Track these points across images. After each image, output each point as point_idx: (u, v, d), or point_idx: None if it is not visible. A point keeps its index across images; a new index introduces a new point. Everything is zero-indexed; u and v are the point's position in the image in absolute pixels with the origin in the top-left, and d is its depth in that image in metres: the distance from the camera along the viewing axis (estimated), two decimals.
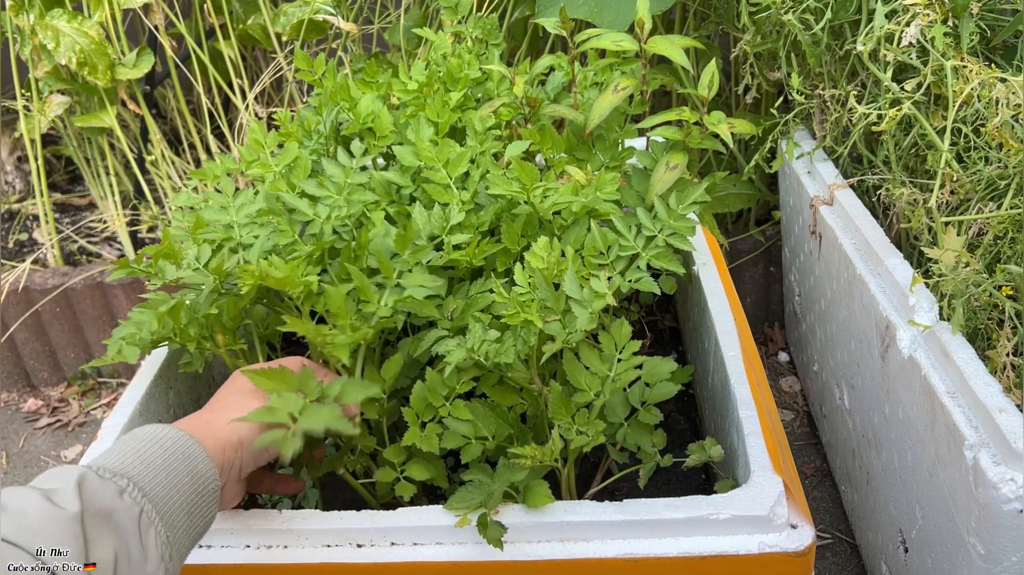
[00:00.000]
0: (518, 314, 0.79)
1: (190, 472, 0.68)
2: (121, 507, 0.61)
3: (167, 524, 0.64)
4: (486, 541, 0.75)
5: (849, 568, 1.38)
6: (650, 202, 0.99)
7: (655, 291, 0.94)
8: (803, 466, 1.59)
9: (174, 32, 1.89)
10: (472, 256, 0.90)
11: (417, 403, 0.85)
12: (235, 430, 0.74)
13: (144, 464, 0.66)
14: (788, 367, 1.84)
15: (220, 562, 0.79)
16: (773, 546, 0.75)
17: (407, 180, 1.03)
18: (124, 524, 0.61)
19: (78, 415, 1.92)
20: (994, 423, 0.83)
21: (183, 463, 0.68)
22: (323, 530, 0.79)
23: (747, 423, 0.85)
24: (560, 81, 1.19)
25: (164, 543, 0.63)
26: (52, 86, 1.80)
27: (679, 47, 1.02)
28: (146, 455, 0.67)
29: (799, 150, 1.46)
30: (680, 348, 1.28)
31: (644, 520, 0.76)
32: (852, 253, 1.21)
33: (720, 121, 1.00)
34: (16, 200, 2.19)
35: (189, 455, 0.69)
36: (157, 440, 0.68)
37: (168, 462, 0.67)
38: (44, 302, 1.85)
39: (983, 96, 1.07)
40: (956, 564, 0.93)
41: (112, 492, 0.62)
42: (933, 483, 0.96)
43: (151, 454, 0.67)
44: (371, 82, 1.22)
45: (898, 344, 1.03)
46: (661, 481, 1.01)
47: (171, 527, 0.65)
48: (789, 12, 1.33)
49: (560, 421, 0.81)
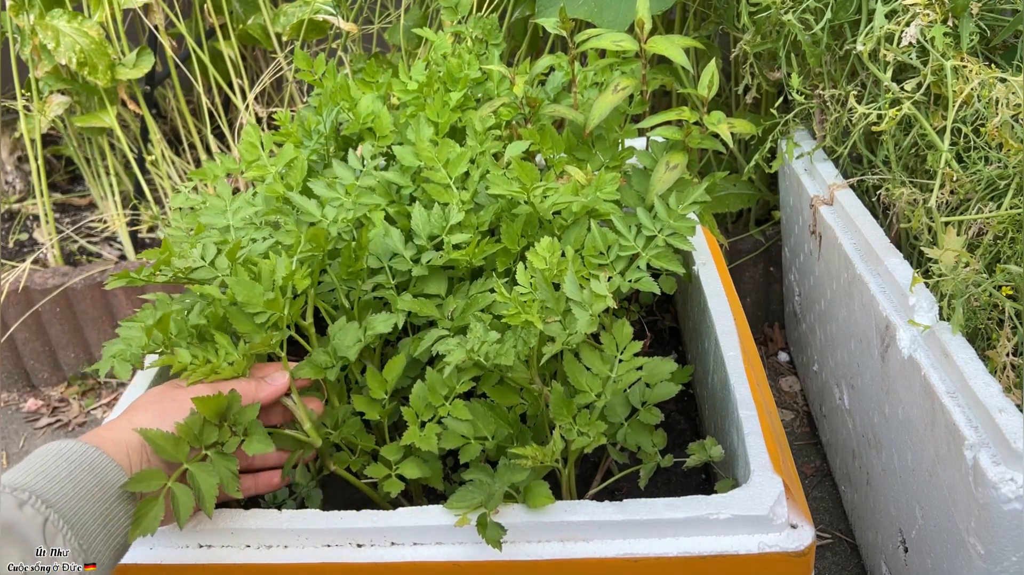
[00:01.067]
0: (519, 314, 0.79)
1: (98, 482, 0.68)
2: (22, 518, 0.61)
3: (79, 533, 0.64)
4: (485, 541, 0.75)
5: (849, 568, 1.38)
6: (650, 202, 0.99)
7: (655, 291, 0.94)
8: (803, 466, 1.59)
9: (174, 32, 1.89)
10: (472, 256, 0.90)
11: (417, 403, 0.85)
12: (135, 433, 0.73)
13: (46, 477, 0.65)
14: (788, 367, 1.84)
15: (220, 562, 0.79)
16: (773, 546, 0.75)
17: (407, 180, 1.03)
18: (27, 534, 0.61)
19: (78, 415, 1.92)
20: (994, 423, 0.83)
21: (89, 473, 0.68)
22: (323, 530, 0.79)
23: (747, 423, 0.85)
24: (560, 81, 1.19)
25: (76, 550, 0.63)
26: (52, 86, 1.80)
27: (679, 47, 1.02)
28: (48, 469, 0.66)
29: (799, 150, 1.46)
30: (680, 348, 1.28)
31: (644, 520, 0.76)
32: (852, 253, 1.21)
33: (720, 121, 1.00)
34: (16, 200, 2.19)
35: (95, 465, 0.68)
36: (60, 454, 0.68)
37: (73, 473, 0.67)
38: (44, 302, 1.85)
39: (983, 96, 1.07)
40: (956, 564, 0.93)
41: (10, 505, 0.62)
42: (933, 483, 0.96)
43: (53, 467, 0.67)
44: (371, 82, 1.22)
45: (898, 344, 1.03)
46: (661, 481, 1.01)
47: (84, 536, 0.65)
48: (789, 12, 1.33)
49: (561, 422, 0.81)
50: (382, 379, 0.87)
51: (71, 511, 0.64)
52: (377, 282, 0.94)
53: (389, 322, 0.89)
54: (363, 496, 0.93)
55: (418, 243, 0.94)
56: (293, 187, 1.03)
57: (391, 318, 0.89)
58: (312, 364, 0.87)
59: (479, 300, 0.90)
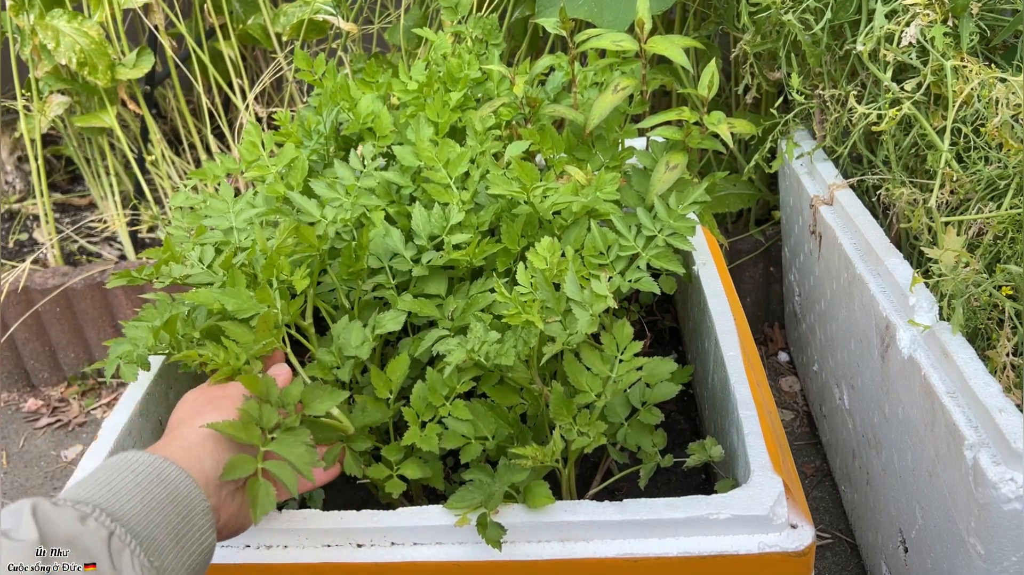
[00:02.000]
0: (519, 314, 0.79)
1: (169, 495, 0.63)
2: (84, 532, 0.57)
3: (148, 549, 0.60)
4: (485, 541, 0.75)
5: (849, 568, 1.38)
6: (650, 202, 0.99)
7: (655, 291, 0.94)
8: (803, 466, 1.59)
9: (174, 32, 1.89)
10: (472, 256, 0.90)
11: (417, 403, 0.85)
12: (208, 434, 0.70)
13: (111, 490, 0.62)
14: (788, 367, 1.84)
15: (220, 562, 0.79)
16: (773, 546, 0.75)
17: (407, 180, 1.03)
18: (90, 548, 0.56)
19: (78, 415, 1.92)
20: (994, 423, 0.83)
21: (159, 486, 0.63)
22: (323, 530, 0.79)
23: (747, 423, 0.85)
24: (560, 81, 1.19)
25: (146, 567, 0.59)
26: (52, 86, 1.80)
27: (679, 47, 1.02)
28: (114, 482, 0.62)
29: (799, 150, 1.46)
30: (680, 348, 1.28)
31: (644, 520, 0.76)
32: (852, 253, 1.21)
33: (720, 121, 1.00)
34: (16, 200, 2.19)
35: (165, 477, 0.64)
36: (128, 466, 0.64)
37: (141, 486, 0.63)
38: (44, 302, 1.85)
39: (983, 96, 1.07)
40: (956, 564, 0.93)
41: (71, 518, 0.57)
42: (933, 483, 0.96)
43: (119, 481, 0.63)
44: (371, 82, 1.22)
45: (898, 344, 1.03)
46: (661, 481, 1.01)
47: (155, 552, 0.60)
48: (789, 12, 1.33)
49: (561, 422, 0.81)
50: (387, 379, 0.87)
51: (140, 525, 0.60)
52: (377, 282, 0.94)
53: (399, 320, 0.88)
54: (363, 496, 0.93)
55: (418, 243, 0.94)
56: (294, 187, 1.03)
57: (400, 316, 0.89)
58: (321, 364, 0.87)
59: (479, 300, 0.90)
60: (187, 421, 0.72)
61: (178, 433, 0.71)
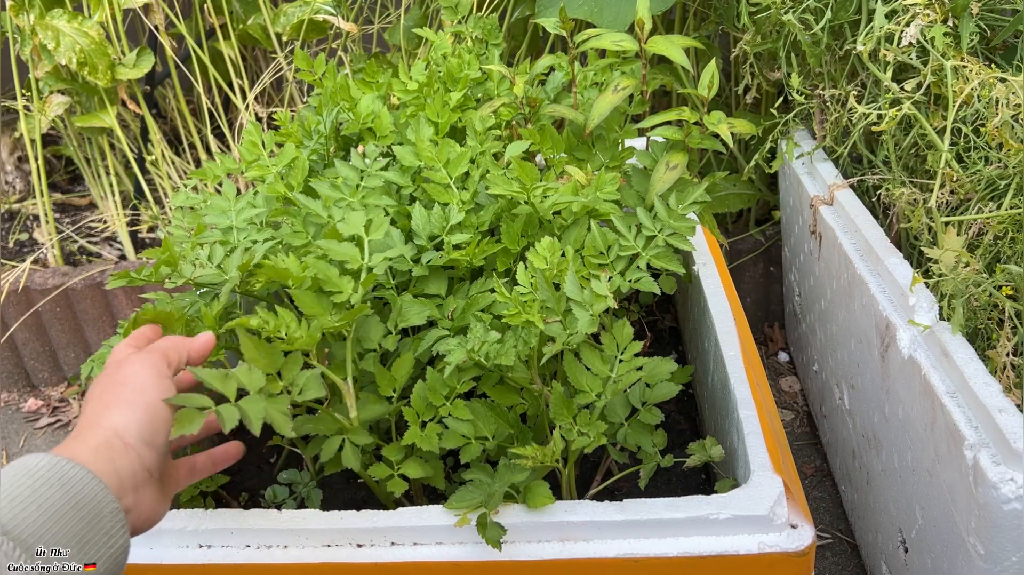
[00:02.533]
0: (519, 314, 0.79)
1: (71, 499, 0.59)
2: None
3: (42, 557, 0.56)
4: (485, 541, 0.75)
5: (849, 568, 1.38)
6: (650, 202, 0.99)
7: (655, 291, 0.94)
8: (803, 466, 1.59)
9: (174, 32, 1.89)
10: (472, 256, 0.90)
11: (418, 402, 0.85)
12: (116, 432, 0.64)
13: (7, 498, 0.58)
14: (788, 367, 1.84)
15: (220, 562, 0.79)
16: (773, 546, 0.75)
17: (407, 180, 1.03)
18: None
19: (78, 415, 1.92)
20: (994, 423, 0.83)
21: (59, 490, 0.59)
22: (323, 530, 0.79)
23: (747, 423, 0.85)
24: (560, 81, 1.19)
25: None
26: (52, 86, 1.80)
27: (679, 47, 1.02)
28: (10, 490, 0.58)
29: (799, 150, 1.46)
30: (680, 348, 1.28)
31: (644, 520, 0.76)
32: (852, 253, 1.21)
33: (720, 121, 1.00)
34: (16, 200, 2.19)
35: (67, 480, 0.60)
36: (26, 471, 0.60)
37: (39, 491, 0.58)
38: (44, 302, 1.85)
39: (983, 96, 1.07)
40: (956, 564, 0.93)
41: None
42: (933, 483, 0.96)
43: (15, 488, 0.59)
44: (371, 82, 1.22)
45: (898, 344, 1.03)
46: (661, 481, 1.01)
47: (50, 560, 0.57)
48: (789, 12, 1.33)
49: (561, 422, 0.81)
50: (391, 377, 0.86)
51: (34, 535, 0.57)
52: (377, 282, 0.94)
53: (423, 314, 0.89)
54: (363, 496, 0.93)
55: (418, 243, 0.94)
56: (294, 187, 1.03)
57: (423, 310, 0.89)
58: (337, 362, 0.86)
59: (479, 300, 0.90)
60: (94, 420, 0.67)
61: (90, 432, 0.65)
